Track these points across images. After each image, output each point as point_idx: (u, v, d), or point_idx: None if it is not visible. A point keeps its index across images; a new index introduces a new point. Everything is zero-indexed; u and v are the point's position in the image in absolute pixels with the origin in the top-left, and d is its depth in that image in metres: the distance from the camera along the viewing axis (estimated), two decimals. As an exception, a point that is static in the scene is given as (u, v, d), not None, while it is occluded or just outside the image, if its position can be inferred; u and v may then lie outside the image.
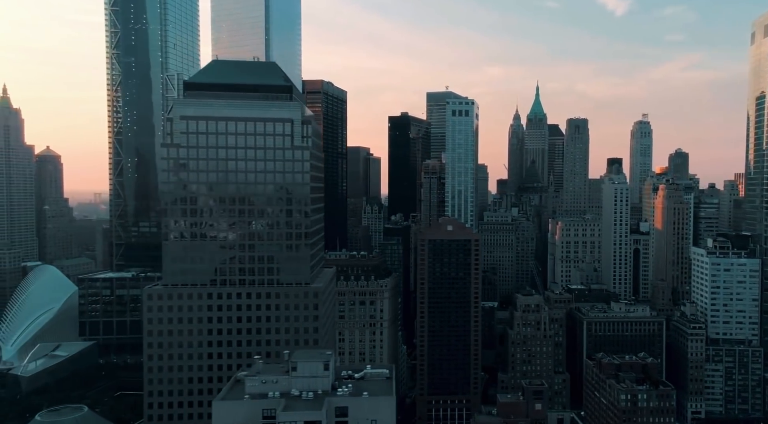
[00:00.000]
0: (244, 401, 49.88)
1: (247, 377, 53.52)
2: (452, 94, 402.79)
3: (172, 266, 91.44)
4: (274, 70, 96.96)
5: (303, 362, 52.81)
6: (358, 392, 51.54)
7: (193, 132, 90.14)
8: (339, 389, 52.14)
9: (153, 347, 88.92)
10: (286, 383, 52.15)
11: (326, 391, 52.09)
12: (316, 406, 48.54)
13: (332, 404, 49.10)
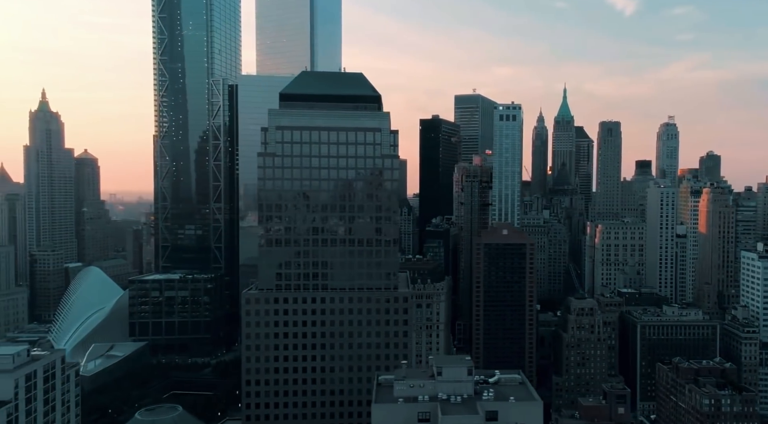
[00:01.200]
0: (399, 404, 52.28)
1: (395, 381, 55.87)
2: (480, 97, 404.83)
3: (267, 271, 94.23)
4: (362, 80, 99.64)
5: (448, 367, 55.14)
6: (503, 397, 53.74)
7: (288, 141, 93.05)
8: (483, 393, 54.36)
9: (251, 348, 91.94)
10: (432, 387, 54.46)
11: (470, 395, 54.34)
12: (472, 410, 50.83)
13: (483, 408, 51.32)
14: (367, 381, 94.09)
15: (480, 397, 54.07)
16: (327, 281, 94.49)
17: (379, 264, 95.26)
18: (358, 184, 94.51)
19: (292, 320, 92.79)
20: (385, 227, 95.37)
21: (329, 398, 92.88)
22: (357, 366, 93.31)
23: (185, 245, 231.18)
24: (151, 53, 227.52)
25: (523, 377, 60.43)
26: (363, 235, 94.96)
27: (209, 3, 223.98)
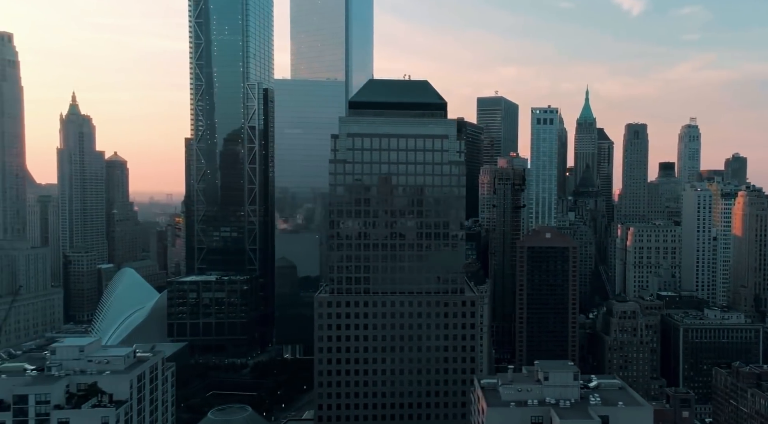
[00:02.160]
0: (512, 408, 53.81)
1: (503, 385, 57.41)
2: (503, 100, 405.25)
3: (337, 274, 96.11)
4: (427, 88, 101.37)
5: (554, 372, 56.60)
6: (611, 402, 55.10)
7: (358, 148, 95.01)
8: (590, 398, 55.74)
9: (323, 351, 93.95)
10: (539, 392, 55.94)
11: (577, 400, 55.75)
12: (584, 414, 52.27)
13: (596, 412, 52.69)
14: (435, 383, 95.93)
15: (587, 402, 55.44)
16: (396, 285, 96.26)
17: (447, 269, 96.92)
18: (426, 191, 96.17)
19: (363, 323, 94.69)
20: (452, 233, 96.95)
21: (398, 400, 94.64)
22: (426, 369, 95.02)
23: (220, 247, 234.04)
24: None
25: (622, 382, 61.68)
26: (431, 240, 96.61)
27: (245, 8, 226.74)
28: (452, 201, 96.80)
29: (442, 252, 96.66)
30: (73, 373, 63.35)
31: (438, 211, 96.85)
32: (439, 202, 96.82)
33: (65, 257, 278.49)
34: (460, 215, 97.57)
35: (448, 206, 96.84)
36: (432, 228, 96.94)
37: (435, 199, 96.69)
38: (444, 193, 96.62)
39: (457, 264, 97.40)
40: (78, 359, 64.26)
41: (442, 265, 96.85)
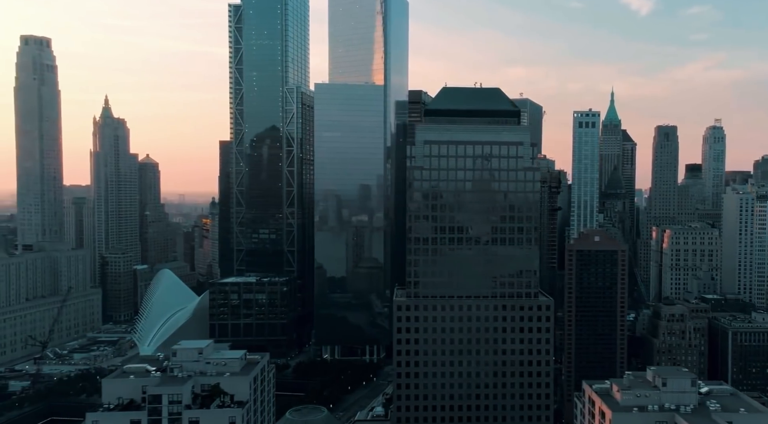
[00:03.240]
0: (635, 413, 55.44)
1: (623, 390, 59.03)
2: (528, 101, 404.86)
3: (414, 278, 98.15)
4: (500, 95, 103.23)
5: (673, 378, 58.12)
6: (732, 408, 56.47)
7: (435, 155, 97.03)
8: (708, 404, 57.18)
9: (401, 353, 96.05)
10: (658, 398, 57.48)
11: (695, 406, 57.21)
12: (708, 420, 53.69)
13: (722, 418, 54.12)
14: (511, 386, 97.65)
15: (706, 408, 56.89)
16: (471, 289, 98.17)
17: (521, 273, 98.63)
18: (501, 196, 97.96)
19: (440, 327, 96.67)
20: (526, 238, 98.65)
21: (474, 402, 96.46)
22: (502, 372, 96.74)
23: (258, 249, 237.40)
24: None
25: (733, 388, 63.06)
26: (506, 245, 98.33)
27: (284, 13, 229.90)
28: (527, 206, 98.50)
29: (517, 257, 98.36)
30: (194, 374, 65.82)
31: (513, 216, 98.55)
32: (514, 208, 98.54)
33: (102, 258, 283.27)
34: (535, 220, 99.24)
35: (523, 212, 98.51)
36: (507, 233, 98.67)
37: (510, 205, 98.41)
38: (518, 199, 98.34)
39: (531, 268, 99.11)
40: (197, 361, 66.75)
41: (517, 269, 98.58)
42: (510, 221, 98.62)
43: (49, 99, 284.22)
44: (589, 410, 61.09)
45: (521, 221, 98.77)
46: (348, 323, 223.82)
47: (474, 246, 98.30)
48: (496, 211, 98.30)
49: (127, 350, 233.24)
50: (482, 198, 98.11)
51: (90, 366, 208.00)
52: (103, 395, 63.66)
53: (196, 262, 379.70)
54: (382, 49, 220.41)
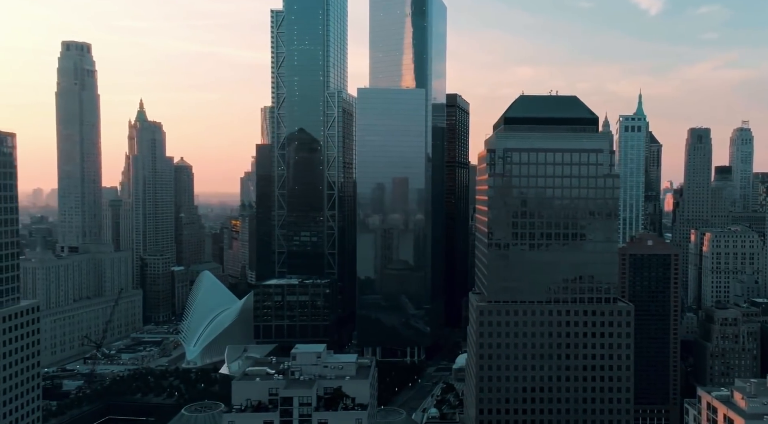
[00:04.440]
0: (765, 421, 56.94)
1: (749, 398, 60.55)
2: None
3: (495, 283, 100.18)
4: (578, 103, 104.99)
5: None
6: None
7: (516, 162, 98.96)
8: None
9: (484, 357, 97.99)
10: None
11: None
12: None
13: None
14: (591, 391, 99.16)
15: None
16: (551, 295, 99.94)
17: (601, 279, 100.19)
18: (581, 203, 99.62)
19: (522, 331, 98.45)
20: (606, 244, 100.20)
21: (556, 406, 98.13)
22: (582, 376, 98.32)
23: (300, 251, 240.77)
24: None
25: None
26: (586, 251, 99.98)
27: (325, 19, 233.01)
28: (606, 213, 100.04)
29: (596, 263, 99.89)
30: (314, 377, 68.33)
31: (592, 223, 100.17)
32: (593, 215, 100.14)
33: (141, 259, 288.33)
34: (615, 227, 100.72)
35: (602, 218, 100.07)
36: (586, 239, 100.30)
37: (590, 211, 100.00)
38: (598, 206, 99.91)
39: (611, 275, 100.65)
40: (315, 365, 69.21)
41: (596, 275, 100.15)
42: (589, 227, 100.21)
43: (89, 103, 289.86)
44: (709, 418, 62.32)
45: (600, 228, 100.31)
46: (389, 325, 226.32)
47: (553, 252, 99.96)
48: (575, 217, 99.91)
49: (171, 350, 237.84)
50: (562, 205, 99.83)
51: (138, 366, 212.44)
52: (233, 397, 66.33)
53: (225, 263, 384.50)
54: (411, 53, 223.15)
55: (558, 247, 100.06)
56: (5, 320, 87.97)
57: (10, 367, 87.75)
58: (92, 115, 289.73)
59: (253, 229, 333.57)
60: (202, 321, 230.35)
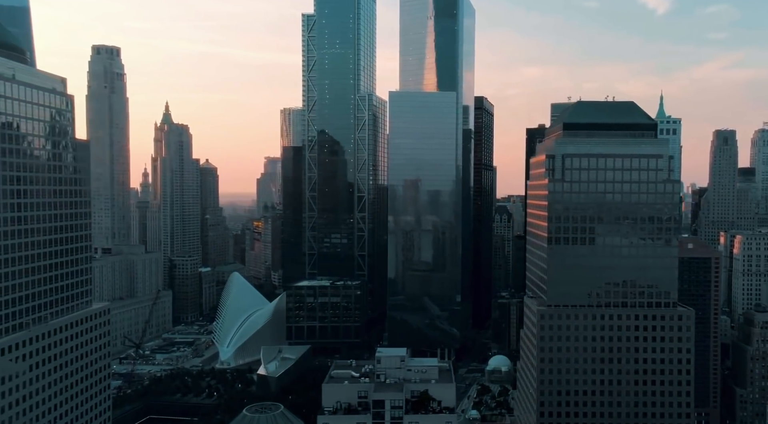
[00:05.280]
0: None
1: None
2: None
3: (556, 288, 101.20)
4: (636, 109, 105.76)
5: None
6: None
7: (576, 168, 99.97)
8: None
9: (545, 361, 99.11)
10: None
11: None
12: None
13: None
14: (651, 395, 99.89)
15: None
16: (610, 299, 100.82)
17: (660, 284, 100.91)
18: (641, 208, 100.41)
19: (582, 335, 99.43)
20: (666, 249, 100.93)
21: (616, 410, 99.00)
22: (642, 380, 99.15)
23: (330, 253, 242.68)
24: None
25: None
26: (647, 256, 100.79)
27: (356, 23, 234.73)
28: (667, 218, 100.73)
29: (656, 267, 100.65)
30: (399, 380, 69.79)
31: (652, 228, 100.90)
32: (653, 220, 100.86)
33: (170, 261, 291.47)
34: (675, 232, 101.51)
35: (662, 224, 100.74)
36: (646, 244, 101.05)
37: (649, 217, 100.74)
38: (657, 211, 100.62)
39: (671, 279, 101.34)
40: (399, 368, 70.66)
41: (656, 280, 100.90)
42: (649, 232, 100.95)
43: (119, 106, 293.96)
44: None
45: (660, 233, 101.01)
46: (419, 326, 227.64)
47: (613, 257, 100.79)
48: (635, 222, 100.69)
49: (204, 350, 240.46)
50: (622, 210, 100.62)
51: (173, 366, 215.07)
52: (323, 399, 67.97)
53: (247, 264, 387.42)
54: (441, 56, 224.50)
55: (618, 252, 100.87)
56: (82, 322, 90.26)
57: (88, 367, 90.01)
58: (121, 118, 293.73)
59: (276, 230, 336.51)
60: (234, 322, 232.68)
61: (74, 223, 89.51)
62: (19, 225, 78.87)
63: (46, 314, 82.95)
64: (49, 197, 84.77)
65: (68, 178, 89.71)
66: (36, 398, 78.92)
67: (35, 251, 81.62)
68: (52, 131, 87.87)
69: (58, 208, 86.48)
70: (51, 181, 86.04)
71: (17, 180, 79.21)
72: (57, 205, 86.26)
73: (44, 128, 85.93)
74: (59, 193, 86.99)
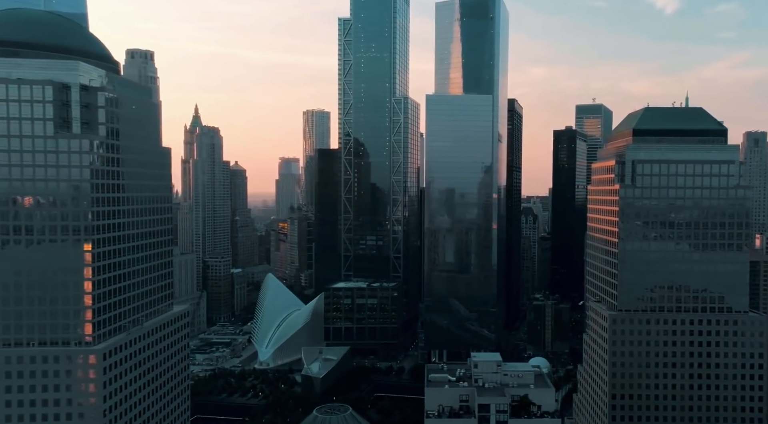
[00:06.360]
0: None
1: None
2: (602, 107, 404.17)
3: (626, 293, 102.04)
4: (705, 114, 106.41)
5: None
6: None
7: (647, 174, 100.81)
8: None
9: (617, 365, 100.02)
10: None
11: None
12: None
13: None
14: (724, 399, 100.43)
15: None
16: (681, 304, 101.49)
17: (732, 290, 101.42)
18: (712, 214, 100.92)
19: (654, 340, 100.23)
20: (737, 256, 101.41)
21: (688, 415, 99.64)
22: (715, 385, 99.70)
23: (366, 255, 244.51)
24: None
25: None
26: (718, 262, 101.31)
27: (392, 27, 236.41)
28: (739, 223, 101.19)
29: (728, 273, 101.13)
30: (497, 385, 71.20)
31: (723, 233, 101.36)
32: (724, 226, 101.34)
33: (204, 262, 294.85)
34: (747, 237, 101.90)
35: (734, 229, 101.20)
36: (717, 250, 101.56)
37: (720, 222, 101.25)
38: (729, 216, 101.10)
39: (742, 285, 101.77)
40: (496, 373, 72.04)
41: (727, 286, 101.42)
42: (720, 238, 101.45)
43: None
44: None
45: (732, 238, 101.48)
46: (455, 328, 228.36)
47: (684, 262, 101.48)
48: (706, 228, 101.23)
49: (241, 351, 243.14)
50: (693, 216, 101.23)
51: (214, 366, 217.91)
52: (426, 403, 69.52)
53: (272, 265, 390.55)
54: (476, 59, 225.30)
55: (689, 257, 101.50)
56: (169, 323, 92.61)
57: (174, 367, 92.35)
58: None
59: (302, 231, 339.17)
60: (271, 323, 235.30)
61: (161, 228, 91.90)
62: (118, 231, 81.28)
63: (140, 317, 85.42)
64: (143, 204, 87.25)
65: (157, 185, 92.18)
66: (135, 397, 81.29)
67: (131, 256, 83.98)
68: (145, 139, 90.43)
69: (150, 214, 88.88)
70: (144, 188, 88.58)
71: (118, 188, 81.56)
72: (149, 211, 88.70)
73: (140, 137, 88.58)
74: (152, 200, 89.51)
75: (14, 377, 72.24)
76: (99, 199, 76.92)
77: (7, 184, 72.69)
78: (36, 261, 74.24)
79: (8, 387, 71.00)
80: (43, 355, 73.56)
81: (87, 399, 72.90)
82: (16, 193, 73.51)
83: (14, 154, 72.00)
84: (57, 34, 78.38)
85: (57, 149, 73.22)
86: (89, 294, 75.54)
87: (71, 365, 73.99)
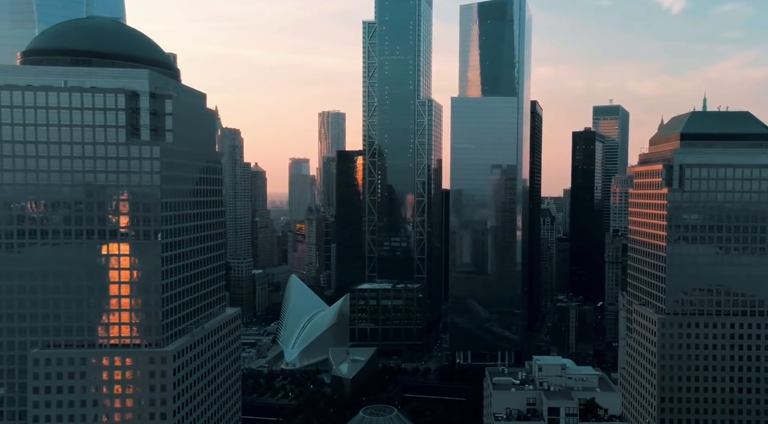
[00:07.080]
0: None
1: None
2: (619, 108, 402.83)
3: (675, 296, 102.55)
4: (752, 118, 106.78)
5: None
6: None
7: (696, 178, 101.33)
8: None
9: (665, 368, 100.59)
10: None
11: None
12: None
13: None
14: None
15: None
16: (730, 307, 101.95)
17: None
18: (761, 217, 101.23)
19: (703, 344, 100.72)
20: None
21: (737, 418, 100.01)
22: (765, 389, 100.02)
23: (390, 256, 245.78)
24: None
25: None
26: (765, 265, 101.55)
27: (416, 30, 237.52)
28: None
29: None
30: (562, 388, 71.98)
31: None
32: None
33: (226, 262, 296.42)
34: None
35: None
36: (767, 254, 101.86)
37: None
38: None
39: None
40: (560, 376, 72.82)
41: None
42: None
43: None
44: None
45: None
46: (479, 329, 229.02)
47: (733, 266, 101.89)
48: (755, 232, 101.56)
49: (266, 351, 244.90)
50: (741, 219, 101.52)
51: (241, 366, 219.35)
52: (493, 405, 70.39)
53: (290, 265, 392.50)
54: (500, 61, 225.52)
55: (738, 261, 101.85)
56: (222, 327, 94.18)
57: (229, 367, 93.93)
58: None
59: (320, 232, 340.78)
60: (297, 324, 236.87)
61: (217, 232, 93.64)
62: (183, 235, 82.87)
63: (201, 318, 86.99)
64: (203, 208, 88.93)
65: (213, 190, 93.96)
66: (198, 397, 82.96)
67: (194, 259, 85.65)
68: (204, 145, 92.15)
69: (208, 218, 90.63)
70: (203, 193, 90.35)
71: (182, 193, 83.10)
72: (207, 215, 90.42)
73: (200, 142, 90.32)
74: (209, 204, 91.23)
75: (89, 377, 73.93)
76: (167, 204, 78.55)
77: (83, 189, 74.52)
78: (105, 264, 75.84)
79: (84, 387, 72.79)
80: (115, 356, 75.29)
81: (158, 399, 74.53)
82: (92, 199, 75.20)
83: (88, 161, 73.83)
84: (125, 43, 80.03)
85: (129, 156, 74.97)
86: (161, 297, 77.22)
87: (143, 367, 75.65)
